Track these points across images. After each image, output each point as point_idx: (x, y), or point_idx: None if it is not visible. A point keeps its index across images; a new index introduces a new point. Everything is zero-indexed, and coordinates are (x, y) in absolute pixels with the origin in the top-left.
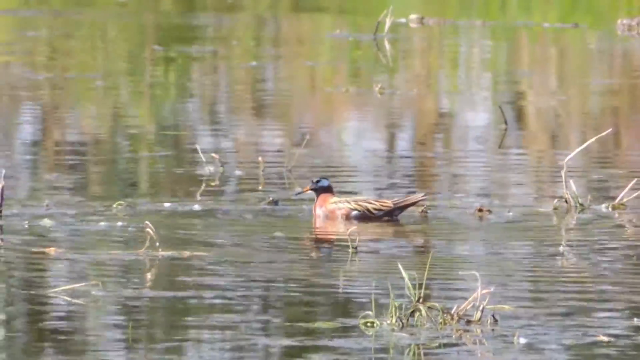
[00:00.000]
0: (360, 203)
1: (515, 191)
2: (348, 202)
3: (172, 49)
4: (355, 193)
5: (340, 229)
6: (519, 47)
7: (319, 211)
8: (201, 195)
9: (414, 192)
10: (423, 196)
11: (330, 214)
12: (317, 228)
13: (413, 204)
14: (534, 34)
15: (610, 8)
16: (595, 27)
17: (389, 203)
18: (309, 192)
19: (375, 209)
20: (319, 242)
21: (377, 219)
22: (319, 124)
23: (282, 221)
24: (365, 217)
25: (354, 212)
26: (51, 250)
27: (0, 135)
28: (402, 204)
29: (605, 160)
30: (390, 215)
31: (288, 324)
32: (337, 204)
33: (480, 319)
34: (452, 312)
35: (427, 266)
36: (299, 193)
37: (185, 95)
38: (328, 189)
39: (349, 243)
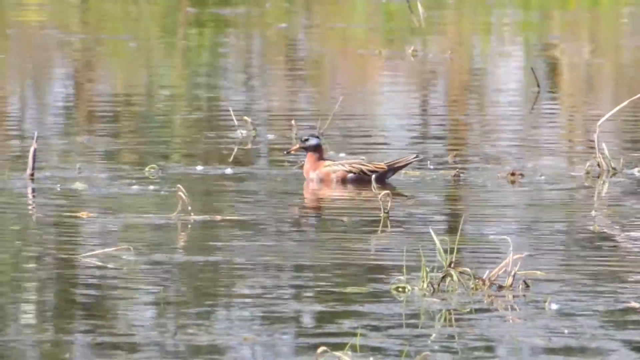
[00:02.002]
0: (354, 165)
1: (548, 155)
2: (343, 165)
3: (206, 10)
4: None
5: (370, 193)
6: (553, 8)
7: (313, 175)
8: (233, 158)
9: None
10: (415, 157)
11: (325, 177)
12: (347, 192)
13: (406, 165)
14: None
15: None
16: None
17: (382, 165)
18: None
19: (369, 171)
20: (350, 206)
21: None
22: (351, 87)
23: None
24: (360, 179)
25: (350, 175)
26: (83, 214)
27: (33, 97)
28: (395, 165)
29: (639, 124)
30: (383, 177)
31: (319, 289)
32: (332, 167)
33: (511, 284)
34: (484, 277)
35: (459, 231)
36: (288, 152)
37: (218, 57)
38: (318, 148)
39: (381, 207)
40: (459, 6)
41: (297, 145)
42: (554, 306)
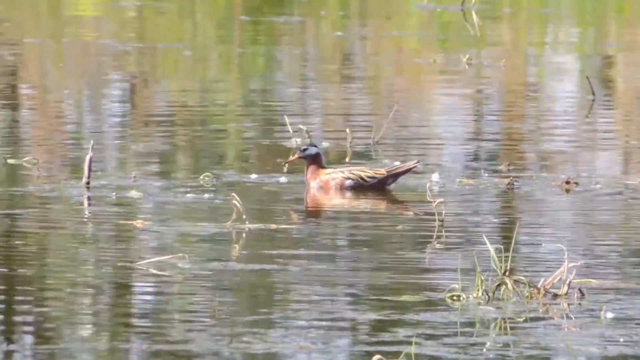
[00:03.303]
0: (353, 172)
1: (603, 163)
2: (342, 171)
3: (260, 19)
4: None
5: (425, 201)
6: (608, 18)
7: (313, 183)
8: (288, 167)
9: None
10: (415, 163)
11: (324, 185)
12: (402, 200)
13: (406, 171)
14: (624, 3)
15: None
16: None
17: (382, 171)
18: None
19: (368, 177)
20: (405, 214)
21: (370, 189)
22: (406, 96)
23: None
24: (359, 186)
25: (348, 181)
26: (138, 222)
27: (89, 106)
28: (395, 171)
29: None
30: (383, 184)
31: (374, 297)
32: (331, 175)
33: (567, 292)
34: (539, 285)
35: (514, 239)
36: (287, 162)
37: (272, 65)
38: (317, 157)
39: (436, 215)
40: (514, 14)
41: (296, 155)
42: (610, 314)
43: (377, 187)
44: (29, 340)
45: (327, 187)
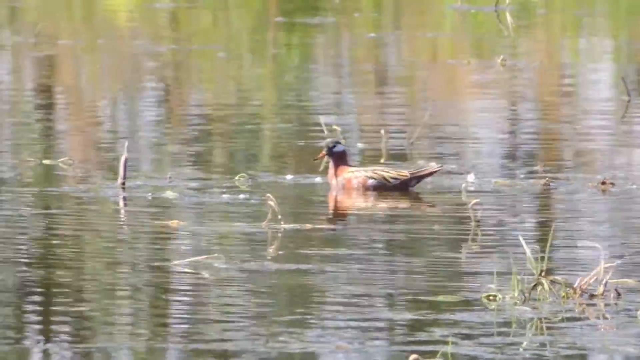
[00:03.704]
0: (377, 171)
1: (639, 163)
2: (365, 170)
3: (295, 20)
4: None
5: (461, 202)
6: None
7: (335, 181)
8: (323, 167)
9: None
10: (439, 167)
11: (346, 183)
12: (438, 201)
13: (429, 174)
14: None
15: None
16: None
17: (405, 172)
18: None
19: (391, 178)
20: (441, 214)
21: (392, 189)
22: (441, 97)
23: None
24: (382, 186)
25: (371, 181)
26: (173, 223)
27: (124, 107)
28: (419, 174)
29: None
30: (406, 185)
31: (410, 297)
32: (354, 173)
33: (603, 293)
34: (575, 285)
35: (550, 239)
36: (316, 159)
37: (307, 67)
38: (343, 155)
39: (472, 216)
40: (549, 15)
41: (324, 152)
42: None
43: (400, 189)
44: (66, 339)
45: (349, 185)
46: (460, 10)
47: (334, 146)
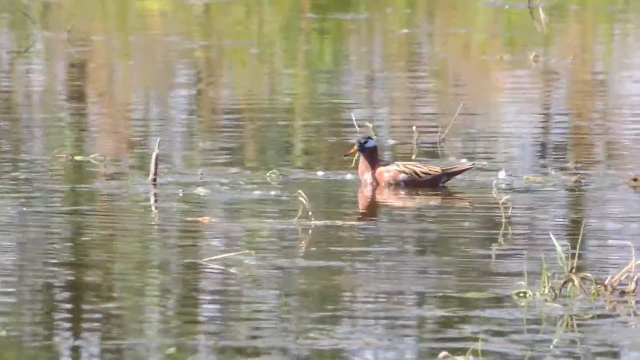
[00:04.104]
0: (408, 166)
1: None
2: (397, 165)
3: (327, 16)
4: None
5: (490, 198)
6: None
7: (367, 176)
8: (354, 164)
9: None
10: (471, 165)
11: (378, 177)
12: (469, 197)
13: (461, 171)
14: None
15: None
16: None
17: (437, 168)
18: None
19: (423, 173)
20: (472, 211)
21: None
22: (473, 93)
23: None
24: (413, 181)
25: (402, 175)
26: (205, 219)
27: (156, 103)
28: (450, 170)
29: None
30: (437, 182)
31: (440, 294)
32: (386, 168)
33: (634, 289)
34: (606, 282)
35: (580, 236)
36: (347, 154)
37: (339, 63)
38: (374, 151)
39: (502, 213)
40: (581, 12)
41: (355, 148)
42: None
43: (431, 185)
44: (97, 336)
45: (380, 180)
46: (493, 7)
47: (366, 142)
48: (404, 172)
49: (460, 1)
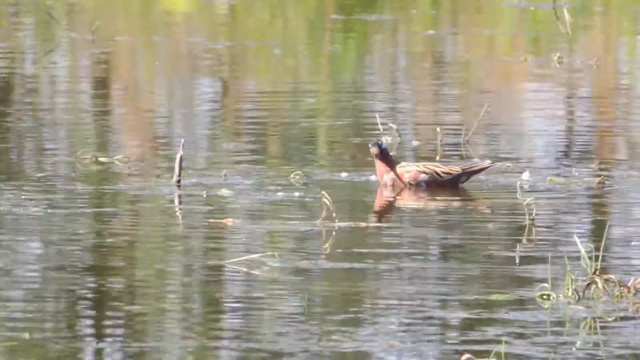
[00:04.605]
0: (428, 166)
1: None
2: (417, 165)
3: (351, 17)
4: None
5: (515, 200)
6: None
7: (387, 178)
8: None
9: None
10: (490, 164)
11: (400, 177)
12: (492, 198)
13: (480, 170)
14: None
15: None
16: None
17: (457, 168)
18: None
19: (443, 172)
20: (493, 213)
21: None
22: (497, 94)
23: (457, 192)
24: (433, 181)
25: (422, 175)
26: (228, 221)
27: (180, 104)
28: (470, 169)
29: None
30: (457, 181)
31: (463, 296)
32: (406, 168)
33: None
34: (629, 285)
35: (604, 238)
36: (373, 157)
37: (363, 64)
38: (387, 151)
39: (526, 214)
40: (606, 13)
41: (377, 151)
42: None
43: (451, 184)
44: (119, 338)
45: (401, 179)
46: (518, 8)
47: (381, 144)
48: (424, 172)
49: (485, 2)
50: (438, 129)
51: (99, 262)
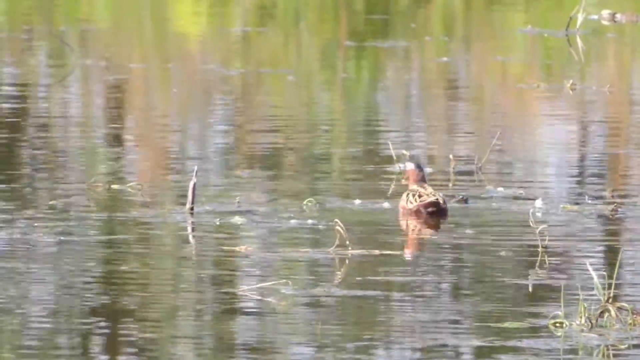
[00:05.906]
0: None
1: None
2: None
3: (365, 44)
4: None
5: (529, 227)
6: None
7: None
8: (391, 193)
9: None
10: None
11: (402, 209)
12: (505, 226)
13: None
14: None
15: None
16: None
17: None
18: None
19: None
20: (508, 240)
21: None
22: (510, 121)
23: (471, 219)
24: (437, 209)
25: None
26: (242, 248)
27: (193, 131)
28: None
29: None
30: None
31: (477, 324)
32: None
33: None
34: None
35: (617, 266)
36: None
37: (377, 91)
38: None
39: (539, 242)
40: (619, 39)
41: (414, 170)
42: None
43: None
44: None
45: (404, 210)
46: (531, 34)
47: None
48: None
49: (498, 29)
50: (451, 156)
51: (111, 289)
